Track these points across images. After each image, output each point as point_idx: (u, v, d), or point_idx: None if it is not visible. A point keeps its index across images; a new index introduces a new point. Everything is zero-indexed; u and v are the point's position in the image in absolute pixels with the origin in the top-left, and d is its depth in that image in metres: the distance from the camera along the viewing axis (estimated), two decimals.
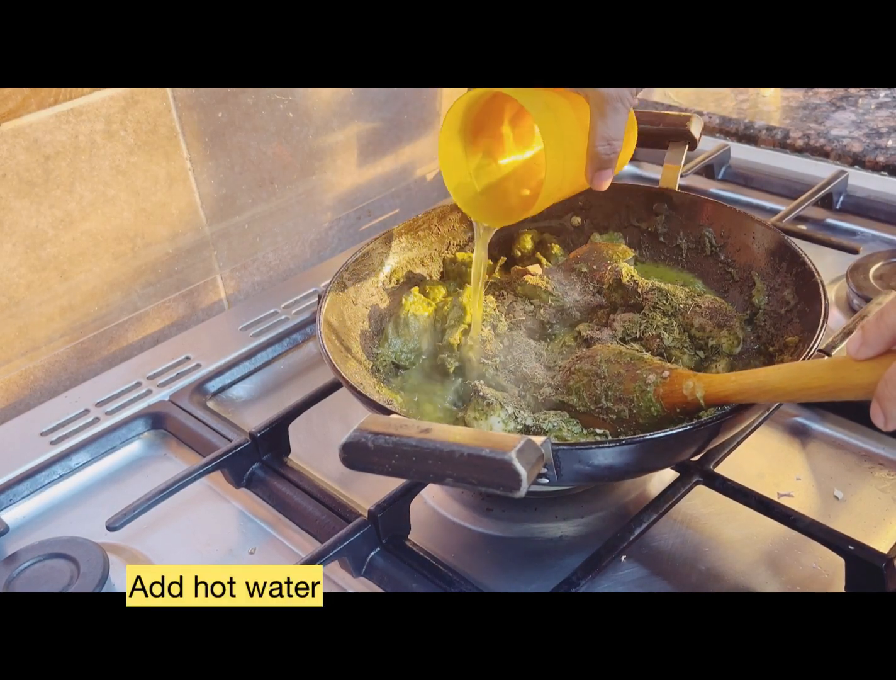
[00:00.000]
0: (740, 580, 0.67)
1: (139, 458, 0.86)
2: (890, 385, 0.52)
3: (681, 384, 0.65)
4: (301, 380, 0.94)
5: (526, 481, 0.50)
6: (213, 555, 0.74)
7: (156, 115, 0.97)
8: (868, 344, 0.54)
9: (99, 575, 0.68)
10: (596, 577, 0.64)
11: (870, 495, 0.73)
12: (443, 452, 0.52)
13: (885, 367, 0.53)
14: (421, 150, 1.27)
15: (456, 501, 0.76)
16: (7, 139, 0.87)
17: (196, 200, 1.04)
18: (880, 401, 0.53)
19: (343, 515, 0.73)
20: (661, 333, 0.77)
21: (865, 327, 0.55)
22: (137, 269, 1.01)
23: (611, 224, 0.93)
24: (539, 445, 0.53)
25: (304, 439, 0.83)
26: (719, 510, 0.72)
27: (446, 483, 0.53)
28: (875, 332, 0.54)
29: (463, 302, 0.83)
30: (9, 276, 0.91)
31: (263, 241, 1.13)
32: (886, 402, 0.53)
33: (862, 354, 0.55)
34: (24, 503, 0.81)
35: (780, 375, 0.60)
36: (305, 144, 1.12)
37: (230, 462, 0.78)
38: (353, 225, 1.23)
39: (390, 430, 0.54)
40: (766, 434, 0.79)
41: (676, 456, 0.67)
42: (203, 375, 0.93)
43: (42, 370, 0.96)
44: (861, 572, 0.63)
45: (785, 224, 1.01)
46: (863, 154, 1.15)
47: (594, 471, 0.63)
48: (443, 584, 0.66)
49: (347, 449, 0.55)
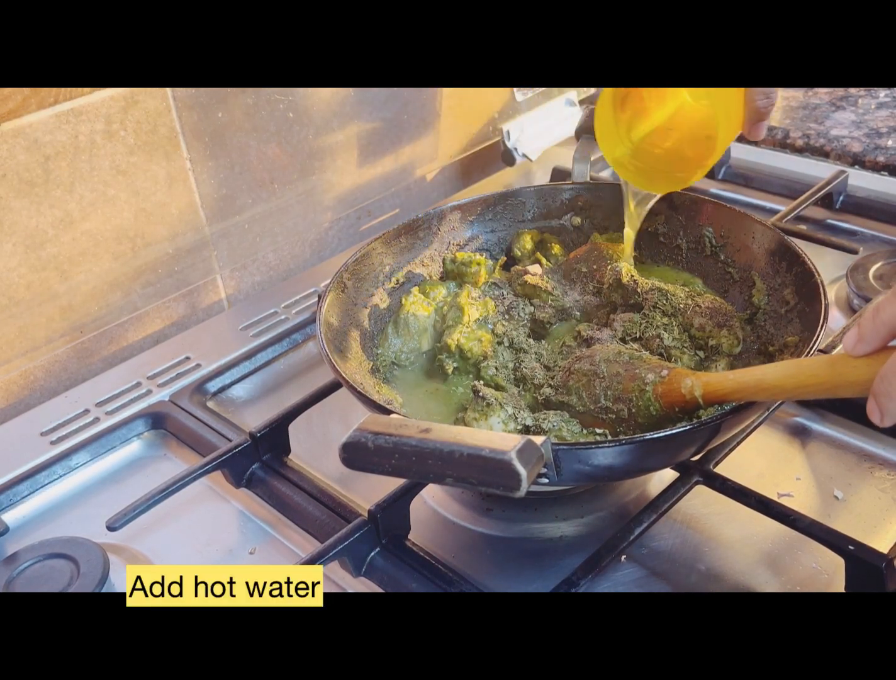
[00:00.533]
0: (740, 580, 0.67)
1: (139, 458, 0.86)
2: (886, 381, 0.52)
3: (679, 383, 0.65)
4: (301, 380, 0.94)
5: (526, 481, 0.50)
6: (213, 555, 0.74)
7: (156, 115, 0.97)
8: (864, 340, 0.54)
9: (99, 575, 0.68)
10: (596, 577, 0.64)
11: (870, 495, 0.73)
12: (443, 451, 0.52)
13: (881, 363, 0.53)
14: (421, 150, 1.27)
15: (456, 501, 0.76)
16: (7, 139, 0.87)
17: (196, 200, 1.04)
18: (876, 397, 0.53)
19: (343, 515, 0.73)
20: (660, 333, 0.77)
21: (861, 323, 0.55)
22: (137, 269, 1.01)
23: (611, 224, 0.93)
24: (539, 444, 0.53)
25: (304, 439, 0.83)
26: (719, 510, 0.72)
27: (446, 483, 0.53)
28: (871, 328, 0.54)
29: (461, 302, 0.83)
30: (9, 276, 0.91)
31: (263, 241, 1.13)
32: (882, 398, 0.53)
33: (858, 350, 0.55)
34: (24, 503, 0.81)
35: (777, 373, 0.60)
36: (305, 144, 1.12)
37: (230, 462, 0.78)
38: (353, 225, 1.23)
39: (390, 430, 0.54)
40: (766, 434, 0.79)
41: (676, 456, 0.67)
42: (203, 375, 0.93)
43: (42, 370, 0.96)
44: (861, 572, 0.63)
45: (785, 224, 1.01)
46: (863, 154, 1.15)
47: (594, 471, 0.63)
48: (443, 584, 0.66)
49: (347, 449, 0.55)
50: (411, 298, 0.85)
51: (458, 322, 0.81)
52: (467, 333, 0.80)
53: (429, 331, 0.85)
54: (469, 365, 0.80)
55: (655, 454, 0.64)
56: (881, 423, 0.53)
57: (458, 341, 0.80)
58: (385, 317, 0.86)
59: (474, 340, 0.80)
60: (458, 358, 0.80)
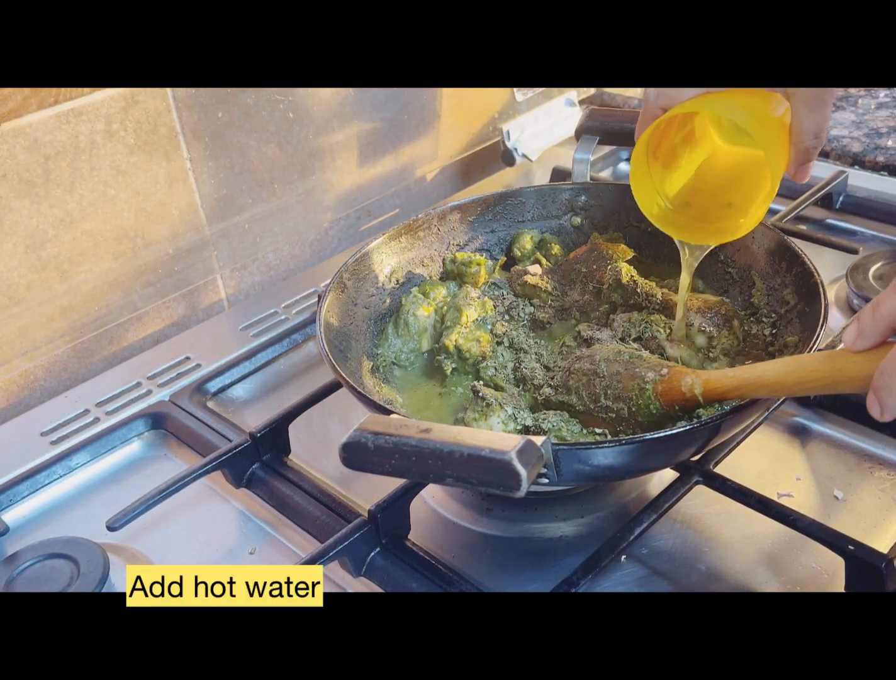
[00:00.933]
0: (740, 580, 0.67)
1: (139, 458, 0.86)
2: (885, 376, 0.52)
3: (679, 381, 0.65)
4: (301, 380, 0.94)
5: (526, 481, 0.50)
6: (213, 555, 0.74)
7: (156, 115, 0.97)
8: (864, 335, 0.54)
9: (99, 575, 0.68)
10: (596, 577, 0.64)
11: (870, 495, 0.73)
12: (443, 452, 0.52)
13: (880, 358, 0.53)
14: (421, 150, 1.27)
15: (456, 501, 0.76)
16: (7, 139, 0.87)
17: (196, 200, 1.04)
18: (876, 392, 0.53)
19: (343, 515, 0.73)
20: (661, 333, 0.77)
21: (861, 318, 0.55)
22: (137, 269, 1.01)
23: (611, 224, 0.93)
24: (539, 445, 0.53)
25: (304, 439, 0.83)
26: (719, 510, 0.72)
27: (446, 483, 0.53)
28: (871, 323, 0.54)
29: (459, 303, 0.83)
30: (9, 276, 0.91)
31: (263, 241, 1.13)
32: (882, 392, 0.52)
33: (858, 345, 0.55)
34: (24, 503, 0.81)
35: (777, 369, 0.60)
36: (305, 144, 1.12)
37: (230, 462, 0.78)
38: (353, 225, 1.23)
39: (390, 430, 0.54)
40: (766, 434, 0.79)
41: (676, 456, 0.67)
42: (203, 375, 0.93)
43: (42, 370, 0.96)
44: (861, 572, 0.63)
45: (785, 224, 1.01)
46: (863, 154, 1.15)
47: (594, 471, 0.63)
48: (443, 584, 0.66)
49: (347, 449, 0.55)
50: (411, 299, 0.85)
51: (456, 323, 0.81)
52: (466, 334, 0.80)
53: (429, 331, 0.85)
54: (468, 365, 0.80)
55: (655, 454, 0.64)
56: (881, 417, 0.53)
57: (457, 342, 0.80)
58: (385, 317, 0.86)
59: (473, 340, 0.80)
60: (456, 358, 0.80)
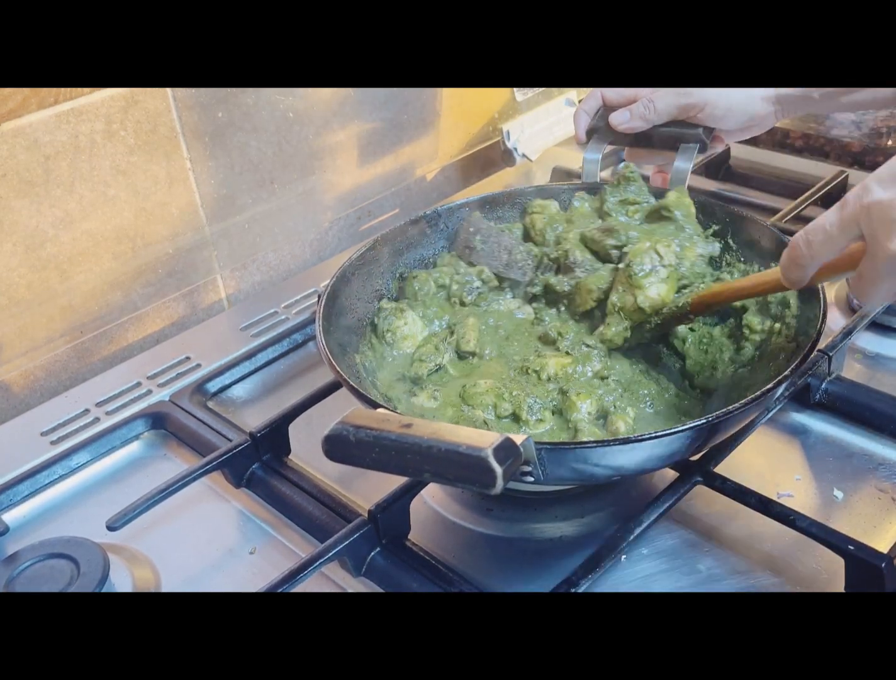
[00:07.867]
0: (740, 580, 0.67)
1: (139, 458, 0.86)
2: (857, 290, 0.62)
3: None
4: (301, 380, 0.94)
5: (501, 479, 0.50)
6: (213, 555, 0.74)
7: (156, 115, 0.97)
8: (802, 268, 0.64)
9: (99, 575, 0.68)
10: (596, 577, 0.64)
11: (870, 495, 0.73)
12: (421, 446, 0.52)
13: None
14: (421, 150, 1.27)
15: (456, 501, 0.76)
16: (7, 139, 0.87)
17: (196, 200, 1.04)
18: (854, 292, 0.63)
19: (343, 515, 0.73)
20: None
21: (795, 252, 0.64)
22: (137, 269, 1.01)
23: None
24: (518, 443, 0.53)
25: (304, 439, 0.83)
26: (719, 510, 0.72)
27: (424, 478, 0.53)
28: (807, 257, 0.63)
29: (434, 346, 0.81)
30: (9, 276, 0.91)
31: (263, 241, 1.13)
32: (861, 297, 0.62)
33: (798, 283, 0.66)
34: (24, 503, 0.81)
35: (740, 281, 0.76)
36: (305, 144, 1.12)
37: (230, 462, 0.78)
38: (353, 225, 1.23)
39: (372, 423, 0.54)
40: (766, 434, 0.79)
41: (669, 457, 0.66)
42: (203, 375, 0.93)
43: (42, 370, 0.96)
44: (861, 572, 0.63)
45: (785, 224, 1.01)
46: (863, 154, 1.15)
47: (582, 470, 0.63)
48: (443, 584, 0.66)
49: (329, 441, 0.55)
50: (394, 310, 0.83)
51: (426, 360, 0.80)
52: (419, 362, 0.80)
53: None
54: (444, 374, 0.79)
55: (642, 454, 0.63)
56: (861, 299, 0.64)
57: (417, 372, 0.79)
58: (385, 317, 0.86)
59: (424, 358, 0.79)
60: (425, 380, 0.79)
